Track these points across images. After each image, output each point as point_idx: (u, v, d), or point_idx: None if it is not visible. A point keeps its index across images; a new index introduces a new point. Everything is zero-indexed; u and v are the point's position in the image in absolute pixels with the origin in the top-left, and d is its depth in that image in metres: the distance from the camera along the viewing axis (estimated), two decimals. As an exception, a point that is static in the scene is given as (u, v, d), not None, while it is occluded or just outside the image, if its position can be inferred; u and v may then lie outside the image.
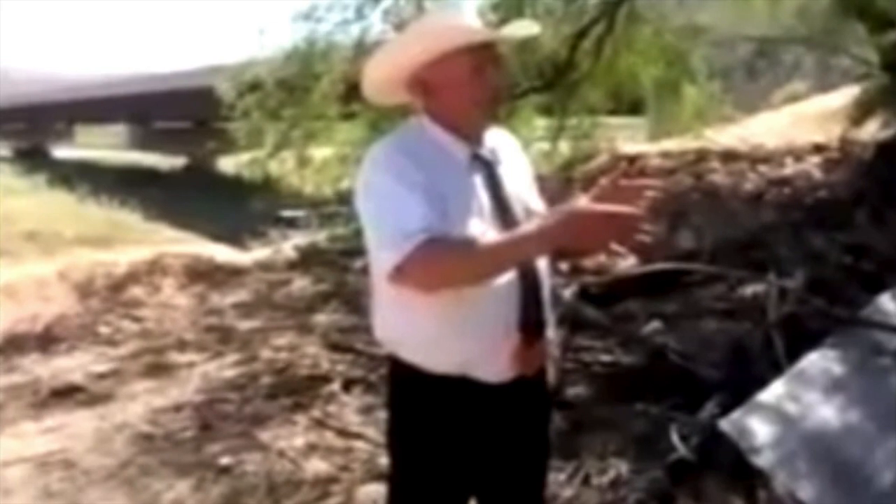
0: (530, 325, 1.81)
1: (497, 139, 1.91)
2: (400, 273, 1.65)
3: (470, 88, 1.77)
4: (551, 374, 3.60)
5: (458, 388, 1.81)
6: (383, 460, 3.15)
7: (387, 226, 1.67)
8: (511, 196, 1.84)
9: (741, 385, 3.25)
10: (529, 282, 1.80)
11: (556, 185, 7.04)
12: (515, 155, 1.96)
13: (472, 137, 1.83)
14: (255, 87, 8.68)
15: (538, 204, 1.93)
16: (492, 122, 1.87)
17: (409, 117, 1.89)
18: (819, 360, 3.26)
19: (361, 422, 3.94)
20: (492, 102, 1.82)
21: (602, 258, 5.42)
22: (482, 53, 1.77)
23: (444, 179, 1.75)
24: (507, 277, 1.76)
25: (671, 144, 10.39)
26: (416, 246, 1.61)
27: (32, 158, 31.81)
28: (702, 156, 9.24)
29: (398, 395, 1.94)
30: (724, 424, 2.95)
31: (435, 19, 1.91)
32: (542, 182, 2.09)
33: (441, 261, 1.64)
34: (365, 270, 1.91)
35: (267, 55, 8.93)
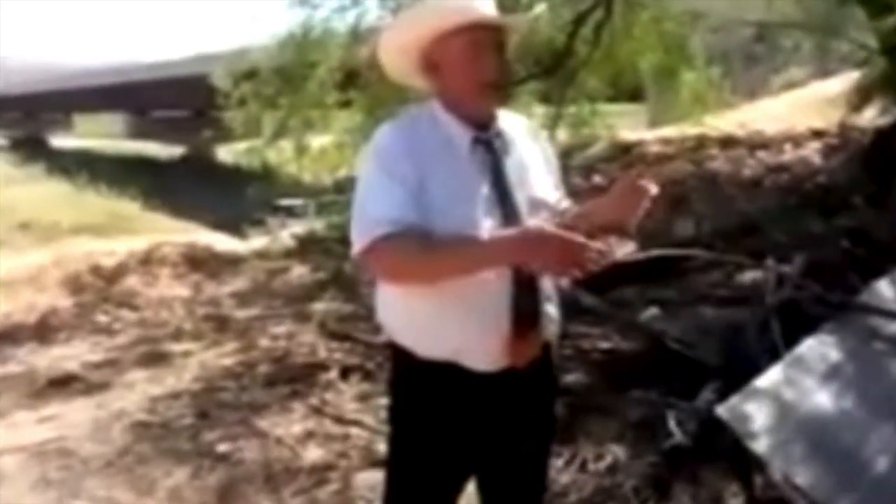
0: (522, 316, 1.80)
1: (510, 125, 1.89)
2: (364, 260, 1.70)
3: (468, 69, 1.78)
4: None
5: (450, 374, 1.81)
6: (381, 447, 3.15)
7: (363, 211, 1.72)
8: (514, 183, 1.82)
9: (738, 371, 3.24)
10: (523, 272, 1.78)
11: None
12: (529, 142, 1.92)
13: (476, 121, 1.81)
14: (251, 75, 8.63)
15: (550, 193, 1.90)
16: (495, 105, 1.85)
17: (406, 103, 1.90)
18: (816, 346, 3.25)
19: (359, 409, 3.94)
20: (491, 85, 1.79)
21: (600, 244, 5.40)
22: (481, 35, 1.77)
23: (438, 165, 1.75)
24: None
25: (670, 131, 10.36)
26: (380, 237, 1.65)
27: (30, 148, 31.72)
28: (701, 142, 9.23)
29: (396, 378, 1.95)
30: (722, 410, 2.94)
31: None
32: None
33: (400, 256, 1.68)
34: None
35: (263, 42, 8.88)
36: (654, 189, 1.78)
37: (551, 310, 1.89)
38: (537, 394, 1.95)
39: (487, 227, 1.74)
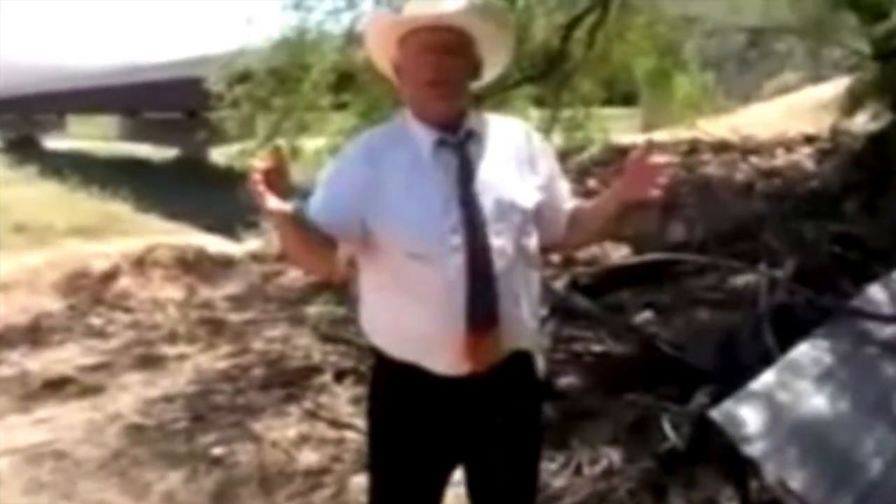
0: (477, 320, 1.78)
1: (492, 126, 1.88)
2: None
3: (414, 70, 1.81)
4: (540, 366, 3.62)
5: (416, 377, 1.84)
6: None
7: None
8: (482, 184, 1.81)
9: (732, 375, 3.26)
10: (479, 274, 1.78)
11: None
12: (516, 144, 1.90)
13: (439, 122, 1.81)
14: (244, 77, 8.61)
15: (528, 197, 1.86)
16: (442, 105, 1.81)
17: (400, 106, 1.92)
18: (809, 350, 3.27)
19: (353, 412, 3.93)
20: (430, 84, 1.79)
21: (594, 249, 5.44)
22: (431, 36, 1.78)
23: (400, 168, 1.79)
24: (455, 268, 1.76)
25: (664, 135, 10.39)
26: None
27: (24, 149, 31.55)
28: (694, 147, 9.27)
29: (372, 378, 2.02)
30: (715, 414, 2.96)
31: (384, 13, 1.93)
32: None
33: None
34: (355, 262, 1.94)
35: (256, 45, 8.87)
36: (663, 160, 1.79)
37: (520, 314, 1.86)
38: (511, 400, 1.92)
39: (446, 227, 1.76)
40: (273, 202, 1.58)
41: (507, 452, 1.94)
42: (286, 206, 1.61)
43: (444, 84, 1.79)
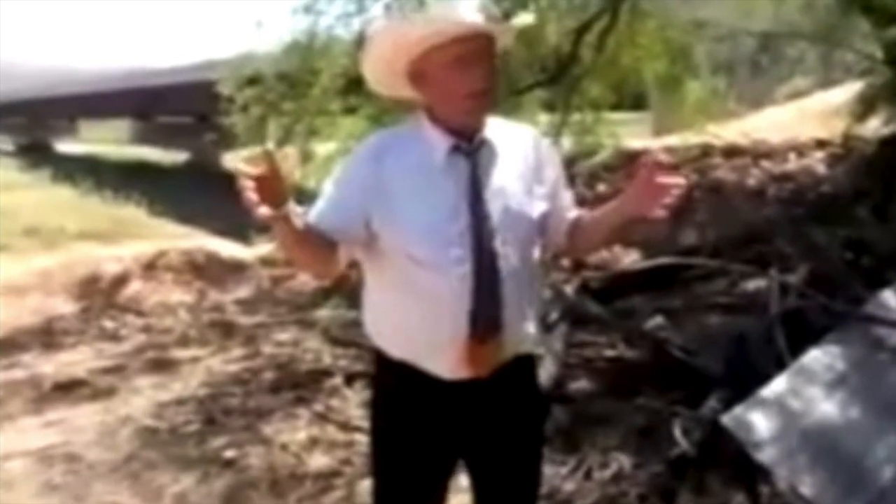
0: (480, 327, 1.78)
1: (504, 134, 1.87)
2: None
3: (451, 81, 1.75)
4: (548, 372, 3.62)
5: (417, 378, 1.84)
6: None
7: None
8: (492, 192, 1.80)
9: (743, 380, 3.25)
10: (484, 278, 1.77)
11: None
12: (525, 152, 1.88)
13: (460, 131, 1.79)
14: (254, 81, 8.63)
15: (535, 206, 1.85)
16: (484, 113, 1.81)
17: (412, 111, 1.90)
18: (821, 356, 3.26)
19: (363, 415, 3.94)
20: (474, 96, 1.75)
21: (605, 253, 5.44)
22: (464, 46, 1.73)
23: (411, 173, 1.77)
24: (460, 275, 1.76)
25: (674, 140, 10.36)
26: None
27: (35, 153, 31.73)
28: (705, 151, 9.24)
29: (373, 378, 2.05)
30: (726, 419, 2.95)
31: (414, 16, 1.82)
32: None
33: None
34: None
35: (266, 49, 8.89)
36: (671, 180, 1.72)
37: (523, 321, 1.86)
38: (513, 403, 1.92)
39: (452, 233, 1.75)
40: (264, 210, 1.53)
41: (510, 455, 1.95)
42: (277, 213, 1.57)
43: (488, 92, 1.77)
